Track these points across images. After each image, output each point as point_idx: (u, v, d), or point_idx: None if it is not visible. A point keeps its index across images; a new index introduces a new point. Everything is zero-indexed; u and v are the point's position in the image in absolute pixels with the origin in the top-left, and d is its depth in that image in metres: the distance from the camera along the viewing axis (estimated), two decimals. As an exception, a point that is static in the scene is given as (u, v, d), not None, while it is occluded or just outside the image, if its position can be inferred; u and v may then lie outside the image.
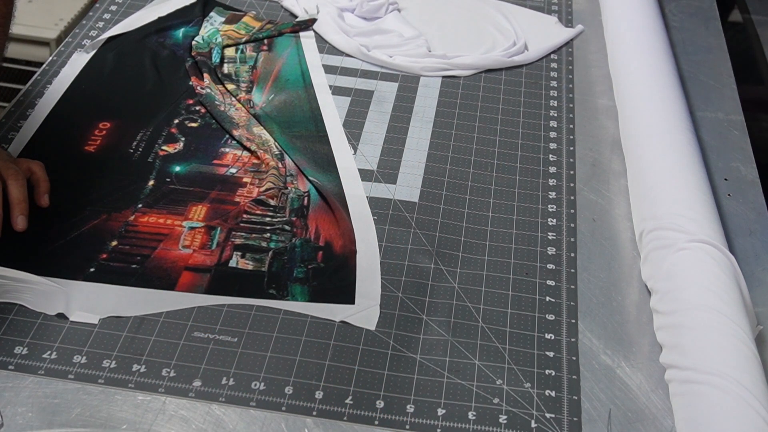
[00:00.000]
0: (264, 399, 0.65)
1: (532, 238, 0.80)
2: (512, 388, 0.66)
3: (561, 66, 1.03)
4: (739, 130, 0.94)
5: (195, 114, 0.92)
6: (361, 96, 0.97)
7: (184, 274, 0.74)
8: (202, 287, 0.73)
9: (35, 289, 0.71)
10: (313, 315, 0.71)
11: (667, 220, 0.74)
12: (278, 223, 0.79)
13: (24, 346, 0.67)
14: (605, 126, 0.94)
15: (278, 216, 0.80)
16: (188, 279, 0.73)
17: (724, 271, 0.69)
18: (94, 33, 1.03)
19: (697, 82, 1.01)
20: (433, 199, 0.83)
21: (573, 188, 0.85)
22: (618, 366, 0.69)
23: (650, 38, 0.98)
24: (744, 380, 0.60)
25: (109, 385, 0.65)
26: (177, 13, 1.07)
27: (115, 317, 0.70)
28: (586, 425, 0.64)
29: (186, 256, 0.75)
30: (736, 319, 0.65)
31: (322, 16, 1.07)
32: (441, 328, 0.71)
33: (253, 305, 0.71)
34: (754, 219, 0.83)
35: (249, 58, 1.01)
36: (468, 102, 0.97)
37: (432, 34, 1.06)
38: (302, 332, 0.70)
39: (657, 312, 0.71)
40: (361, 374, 0.67)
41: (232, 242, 0.77)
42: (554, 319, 0.72)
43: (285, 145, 0.88)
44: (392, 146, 0.89)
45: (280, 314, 0.71)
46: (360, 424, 0.63)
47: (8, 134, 0.87)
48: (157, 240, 0.77)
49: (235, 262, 0.75)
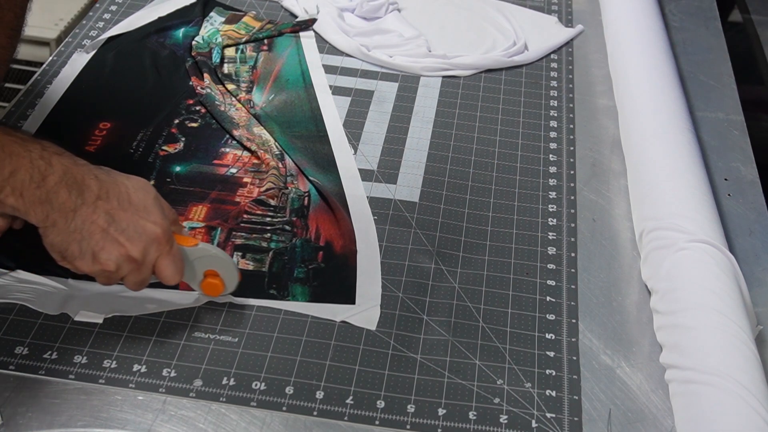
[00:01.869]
0: (265, 399, 0.65)
1: (532, 238, 0.80)
2: (513, 388, 0.67)
3: (561, 66, 1.03)
4: (739, 130, 0.94)
5: (195, 114, 0.92)
6: (362, 96, 0.97)
7: None
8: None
9: (38, 290, 0.71)
10: (314, 315, 0.71)
11: (667, 220, 0.74)
12: (278, 223, 0.79)
13: (25, 346, 0.67)
14: (605, 126, 0.94)
15: (278, 216, 0.80)
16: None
17: (724, 271, 0.69)
18: (94, 33, 1.03)
19: (697, 82, 1.01)
20: (434, 199, 0.83)
21: (573, 188, 0.85)
22: (618, 366, 0.69)
23: (650, 38, 0.98)
24: (744, 380, 0.60)
25: (110, 385, 0.65)
26: (177, 13, 1.07)
27: (117, 317, 0.70)
28: (585, 425, 0.64)
29: None
30: (736, 319, 0.65)
31: (322, 16, 1.07)
32: (441, 328, 0.71)
33: (254, 305, 0.72)
34: (754, 219, 0.83)
35: (249, 58, 1.01)
36: (468, 102, 0.97)
37: (432, 34, 1.06)
38: (303, 332, 0.70)
39: (657, 312, 0.71)
40: (361, 374, 0.67)
41: (232, 242, 0.77)
42: (555, 318, 0.72)
43: (285, 145, 0.88)
44: (392, 146, 0.90)
45: (281, 314, 0.71)
46: (360, 424, 0.63)
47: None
48: None
49: (235, 263, 0.75)
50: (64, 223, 0.61)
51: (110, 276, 0.64)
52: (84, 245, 0.62)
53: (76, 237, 0.62)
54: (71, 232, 0.61)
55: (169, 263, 0.64)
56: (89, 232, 0.62)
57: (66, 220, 0.61)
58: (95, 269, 0.63)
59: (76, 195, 0.61)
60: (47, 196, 0.60)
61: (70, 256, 0.62)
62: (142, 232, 0.63)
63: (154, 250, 0.64)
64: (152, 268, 0.64)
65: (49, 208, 0.60)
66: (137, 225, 0.63)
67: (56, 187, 0.60)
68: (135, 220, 0.63)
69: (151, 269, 0.64)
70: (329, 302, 0.72)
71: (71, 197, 0.61)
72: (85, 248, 0.62)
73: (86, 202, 0.61)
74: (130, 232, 0.63)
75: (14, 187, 0.59)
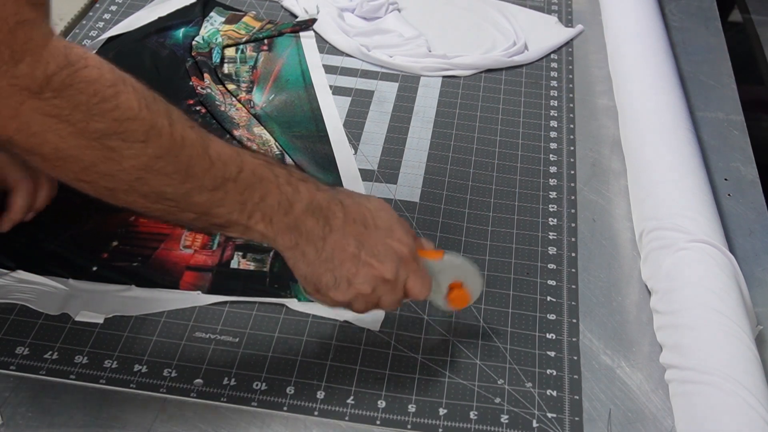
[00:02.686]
0: (265, 399, 0.65)
1: (532, 237, 0.80)
2: (514, 388, 0.67)
3: (561, 66, 1.03)
4: (739, 130, 0.94)
5: (195, 114, 0.92)
6: (362, 96, 0.97)
7: (186, 274, 0.74)
8: (204, 287, 0.73)
9: (38, 290, 0.71)
10: (317, 315, 0.71)
11: (667, 220, 0.74)
12: None
13: (25, 346, 0.67)
14: (605, 126, 0.94)
15: None
16: (190, 279, 0.73)
17: (724, 271, 0.69)
18: (94, 33, 1.03)
19: (697, 82, 1.01)
20: (434, 199, 0.83)
21: (573, 188, 0.85)
22: (618, 366, 0.69)
23: (650, 38, 0.98)
24: (744, 380, 0.60)
25: (111, 385, 0.65)
26: (177, 13, 1.07)
27: (118, 317, 0.70)
28: (585, 425, 0.64)
29: (187, 256, 0.75)
30: (736, 319, 0.65)
31: (322, 16, 1.07)
32: (442, 328, 0.71)
33: (255, 304, 0.72)
34: (754, 219, 0.83)
35: (249, 58, 1.01)
36: (468, 102, 0.97)
37: (432, 34, 1.07)
38: (303, 332, 0.70)
39: (657, 312, 0.71)
40: (362, 374, 0.67)
41: (233, 242, 0.77)
42: (555, 318, 0.72)
43: (285, 145, 0.88)
44: (393, 146, 0.90)
45: (282, 314, 0.71)
46: (361, 424, 0.63)
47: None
48: (158, 240, 0.77)
49: (236, 263, 0.75)
50: (315, 253, 0.60)
51: (367, 300, 0.62)
52: (338, 273, 0.60)
53: (328, 266, 0.60)
54: (323, 262, 0.60)
55: (418, 279, 0.63)
56: (341, 260, 0.60)
57: (316, 250, 0.60)
58: (350, 296, 0.61)
59: (323, 223, 0.60)
60: (295, 224, 0.59)
61: (324, 288, 0.61)
62: (392, 253, 0.61)
63: (403, 269, 0.62)
64: (404, 288, 0.63)
65: (297, 235, 0.59)
66: (386, 246, 0.62)
67: (303, 215, 0.59)
68: (383, 242, 0.61)
69: (403, 288, 0.63)
70: None
71: (318, 225, 0.59)
72: (339, 277, 0.60)
73: (334, 230, 0.60)
74: (380, 254, 0.61)
75: (264, 213, 0.58)
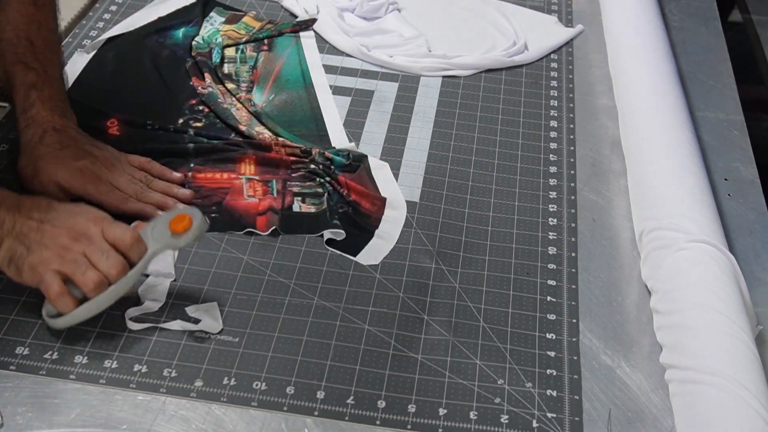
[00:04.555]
0: (265, 399, 0.65)
1: (532, 237, 0.80)
2: (513, 388, 0.67)
3: (561, 66, 1.03)
4: (739, 130, 0.94)
5: (199, 113, 0.92)
6: (362, 96, 0.97)
7: (258, 219, 0.79)
8: (277, 226, 0.78)
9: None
10: (327, 236, 0.77)
11: (667, 220, 0.74)
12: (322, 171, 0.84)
13: (25, 346, 0.67)
14: (605, 126, 0.94)
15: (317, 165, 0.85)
16: (263, 221, 0.79)
17: (724, 271, 0.69)
18: (94, 33, 1.03)
19: (697, 82, 1.01)
20: (434, 198, 0.83)
21: (573, 188, 0.85)
22: (618, 366, 0.69)
23: (650, 38, 0.98)
24: (744, 380, 0.60)
25: (111, 385, 0.65)
26: (177, 13, 1.07)
27: (118, 317, 0.70)
28: (585, 425, 0.64)
29: (254, 204, 0.81)
30: (736, 319, 0.65)
31: (322, 16, 1.07)
32: (442, 328, 0.71)
33: (255, 304, 0.72)
34: (754, 219, 0.83)
35: (249, 58, 1.01)
36: (468, 102, 0.97)
37: (432, 34, 1.07)
38: (304, 332, 0.70)
39: (657, 312, 0.71)
40: (362, 374, 0.67)
41: (290, 191, 0.82)
42: (555, 318, 0.72)
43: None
44: (393, 146, 0.90)
45: (281, 314, 0.71)
46: (361, 424, 0.64)
47: (9, 134, 0.87)
48: (223, 192, 0.82)
49: (298, 207, 0.81)
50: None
51: (70, 253, 0.66)
52: (25, 240, 0.67)
53: (17, 239, 0.67)
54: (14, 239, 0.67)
55: (114, 226, 0.68)
56: (25, 233, 0.67)
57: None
58: (49, 254, 0.66)
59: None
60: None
61: (18, 258, 0.67)
62: (74, 216, 0.69)
63: (92, 224, 0.68)
64: (105, 241, 0.67)
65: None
66: (68, 217, 0.69)
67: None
68: (65, 217, 0.69)
69: (104, 241, 0.67)
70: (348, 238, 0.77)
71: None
72: (29, 243, 0.67)
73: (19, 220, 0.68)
74: (61, 222, 0.68)
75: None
